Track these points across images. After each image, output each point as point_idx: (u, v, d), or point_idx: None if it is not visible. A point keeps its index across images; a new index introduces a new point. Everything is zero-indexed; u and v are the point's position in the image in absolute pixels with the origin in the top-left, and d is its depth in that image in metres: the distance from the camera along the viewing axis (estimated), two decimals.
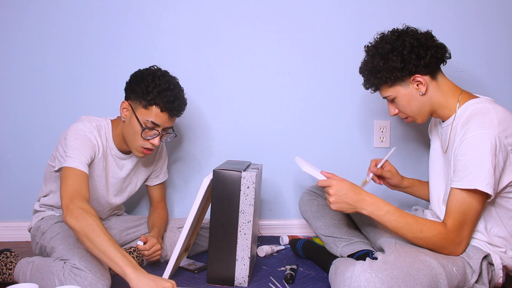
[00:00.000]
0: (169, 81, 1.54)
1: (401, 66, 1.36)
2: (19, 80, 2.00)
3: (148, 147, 1.55)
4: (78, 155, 1.43)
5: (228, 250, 1.43)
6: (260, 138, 2.07)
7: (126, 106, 1.55)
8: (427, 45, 1.37)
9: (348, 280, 1.18)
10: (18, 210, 2.04)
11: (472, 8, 2.03)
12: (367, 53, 1.45)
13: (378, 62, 1.39)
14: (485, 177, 1.24)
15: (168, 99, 1.50)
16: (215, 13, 2.01)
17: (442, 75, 1.42)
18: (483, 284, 1.31)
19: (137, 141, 1.54)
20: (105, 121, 1.62)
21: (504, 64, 2.05)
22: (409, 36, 1.38)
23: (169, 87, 1.52)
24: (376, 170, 1.61)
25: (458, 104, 1.39)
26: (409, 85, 1.40)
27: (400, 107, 1.45)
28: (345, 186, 1.34)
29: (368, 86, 1.49)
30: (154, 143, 1.54)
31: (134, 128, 1.53)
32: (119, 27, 1.99)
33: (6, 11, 1.97)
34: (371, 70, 1.43)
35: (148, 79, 1.52)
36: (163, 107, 1.51)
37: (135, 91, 1.53)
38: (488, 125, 1.26)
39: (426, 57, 1.36)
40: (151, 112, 1.51)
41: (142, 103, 1.51)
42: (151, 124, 1.52)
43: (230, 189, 1.42)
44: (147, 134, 1.53)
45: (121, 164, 1.67)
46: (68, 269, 1.34)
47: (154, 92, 1.49)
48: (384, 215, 1.32)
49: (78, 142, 1.46)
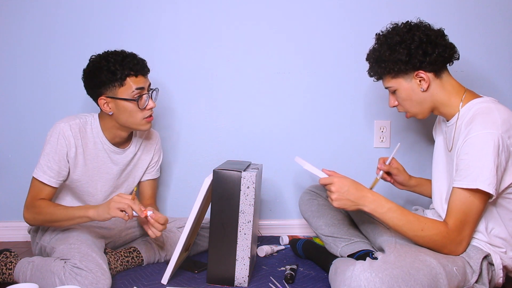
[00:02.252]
0: (120, 53, 1.57)
1: (406, 59, 1.37)
2: (19, 80, 2.00)
3: (148, 114, 1.58)
4: (46, 163, 1.54)
5: (228, 250, 1.43)
6: (260, 138, 2.07)
7: (106, 100, 1.55)
8: (436, 42, 1.37)
9: (348, 279, 1.18)
10: (18, 210, 2.00)
11: (472, 8, 2.03)
12: (377, 41, 1.46)
13: (385, 51, 1.40)
14: (487, 177, 1.24)
15: (133, 63, 1.53)
16: (215, 13, 2.01)
17: (447, 74, 1.43)
18: (483, 284, 1.31)
19: (138, 116, 1.56)
20: (91, 115, 1.63)
21: (505, 64, 2.06)
22: (420, 31, 1.38)
23: (124, 55, 1.55)
24: (385, 167, 1.61)
25: (462, 103, 1.39)
26: (411, 80, 1.40)
27: (400, 100, 1.46)
28: (347, 183, 1.34)
29: (372, 74, 1.49)
30: (151, 106, 1.57)
31: (127, 109, 1.54)
32: (119, 27, 1.99)
33: (7, 11, 1.97)
34: (376, 59, 1.43)
35: (102, 65, 1.53)
36: (135, 71, 1.53)
37: (102, 82, 1.53)
38: (492, 125, 1.26)
39: (433, 54, 1.36)
40: (129, 84, 1.53)
41: (116, 85, 1.53)
42: (138, 91, 1.54)
43: (230, 189, 1.42)
44: (142, 103, 1.55)
45: (116, 159, 1.66)
46: (68, 269, 1.34)
47: (118, 67, 1.51)
48: (386, 213, 1.32)
49: (49, 148, 1.54)
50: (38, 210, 1.50)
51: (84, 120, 1.59)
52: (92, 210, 1.43)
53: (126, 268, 1.60)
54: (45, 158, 1.54)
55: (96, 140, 1.61)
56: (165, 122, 2.04)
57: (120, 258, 1.58)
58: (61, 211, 1.48)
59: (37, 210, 1.51)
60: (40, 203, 1.51)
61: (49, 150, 1.54)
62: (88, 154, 1.60)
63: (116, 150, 1.65)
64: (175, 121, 2.05)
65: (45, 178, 1.53)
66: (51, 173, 1.53)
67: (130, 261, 1.61)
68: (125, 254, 1.61)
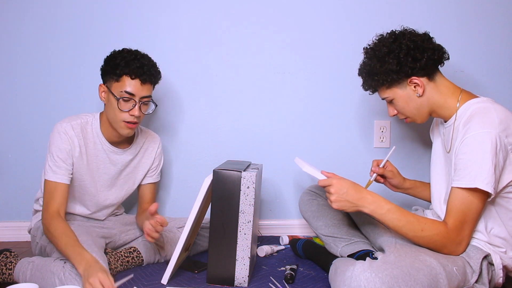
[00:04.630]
0: (135, 53, 1.57)
1: (397, 68, 1.38)
2: (20, 80, 2.00)
3: (130, 120, 1.55)
4: (54, 163, 1.53)
5: (228, 250, 1.43)
6: (260, 138, 2.07)
7: (103, 88, 1.58)
8: (424, 47, 1.38)
9: (348, 279, 1.18)
10: (18, 210, 2.04)
11: (472, 8, 2.03)
12: (365, 55, 1.48)
13: (375, 64, 1.41)
14: (486, 176, 1.24)
15: (136, 66, 1.53)
16: (215, 13, 2.01)
17: (440, 75, 1.43)
18: (483, 284, 1.31)
19: (118, 116, 1.54)
20: (92, 115, 1.63)
21: (504, 64, 2.06)
22: (405, 39, 1.39)
23: (136, 57, 1.55)
24: (379, 170, 1.61)
25: (458, 104, 1.39)
26: (406, 87, 1.41)
27: (398, 108, 1.46)
28: (346, 185, 1.34)
29: (367, 87, 1.51)
30: (134, 113, 1.54)
31: (112, 104, 1.55)
32: (119, 27, 1.99)
33: (7, 11, 1.97)
34: (368, 72, 1.45)
35: (115, 56, 1.56)
36: (132, 74, 1.52)
37: (107, 71, 1.56)
38: (489, 125, 1.27)
39: (423, 59, 1.37)
40: (124, 83, 1.53)
41: (114, 78, 1.54)
42: (126, 94, 1.53)
43: (230, 189, 1.42)
44: (125, 106, 1.54)
45: (115, 159, 1.66)
46: (68, 269, 1.34)
47: (122, 63, 1.52)
48: (386, 214, 1.33)
49: (54, 147, 1.54)
50: (53, 228, 1.45)
51: (85, 120, 1.60)
52: (82, 267, 1.30)
53: (126, 268, 1.60)
54: (52, 158, 1.53)
55: (96, 140, 1.61)
56: (165, 122, 2.04)
57: (120, 258, 1.58)
58: (63, 245, 1.39)
59: (52, 228, 1.45)
60: (57, 225, 1.45)
61: (54, 149, 1.54)
62: (90, 154, 1.60)
63: (115, 150, 1.65)
64: (175, 121, 2.05)
65: (57, 177, 1.52)
66: (61, 171, 1.53)
67: (130, 261, 1.61)
68: (125, 254, 1.61)
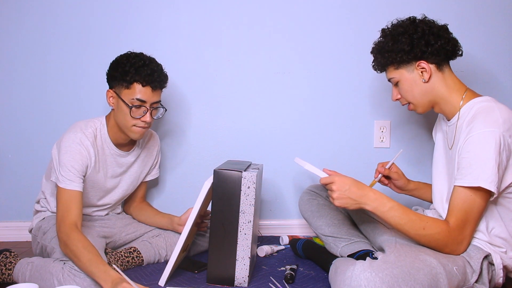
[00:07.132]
0: (143, 58, 1.57)
1: (408, 48, 1.39)
2: (19, 80, 2.00)
3: (141, 125, 1.56)
4: (68, 173, 1.48)
5: (228, 250, 1.43)
6: (260, 138, 2.06)
7: (112, 94, 1.58)
8: (439, 35, 1.39)
9: (348, 279, 1.18)
10: (18, 210, 2.03)
11: (472, 8, 2.03)
12: (381, 34, 1.49)
13: (388, 41, 1.43)
14: (489, 175, 1.24)
15: (146, 73, 1.52)
16: (215, 13, 2.01)
17: (449, 69, 1.44)
18: (483, 283, 1.31)
19: (129, 122, 1.55)
20: (99, 121, 1.63)
21: (504, 64, 2.05)
22: (423, 23, 1.41)
23: (145, 63, 1.55)
24: (384, 171, 1.61)
25: (462, 101, 1.39)
26: (413, 71, 1.42)
27: (402, 91, 1.46)
28: (348, 182, 1.34)
29: (376, 66, 1.52)
30: (146, 120, 1.55)
31: (123, 111, 1.55)
32: (119, 27, 1.99)
33: (6, 11, 1.97)
34: (380, 50, 1.46)
35: (123, 61, 1.55)
36: (144, 81, 1.53)
37: (115, 77, 1.56)
38: (493, 124, 1.27)
39: (435, 45, 1.38)
40: (134, 90, 1.53)
41: (124, 85, 1.54)
42: (138, 102, 1.53)
43: (230, 189, 1.42)
44: (136, 113, 1.54)
45: (121, 162, 1.68)
46: (67, 270, 1.34)
47: (132, 70, 1.52)
48: (388, 211, 1.32)
49: (69, 157, 1.49)
50: (72, 243, 1.37)
51: (94, 128, 1.60)
52: (109, 286, 1.24)
53: (126, 268, 1.60)
54: (66, 169, 1.48)
55: (104, 146, 1.62)
56: (165, 122, 2.04)
57: (120, 258, 1.58)
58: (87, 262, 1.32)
59: (71, 243, 1.37)
60: (77, 240, 1.37)
61: (68, 160, 1.49)
62: (100, 160, 1.61)
63: (121, 153, 1.67)
64: (175, 121, 2.05)
65: (74, 186, 1.48)
66: (77, 179, 1.49)
67: (130, 261, 1.61)
68: (125, 254, 1.61)
